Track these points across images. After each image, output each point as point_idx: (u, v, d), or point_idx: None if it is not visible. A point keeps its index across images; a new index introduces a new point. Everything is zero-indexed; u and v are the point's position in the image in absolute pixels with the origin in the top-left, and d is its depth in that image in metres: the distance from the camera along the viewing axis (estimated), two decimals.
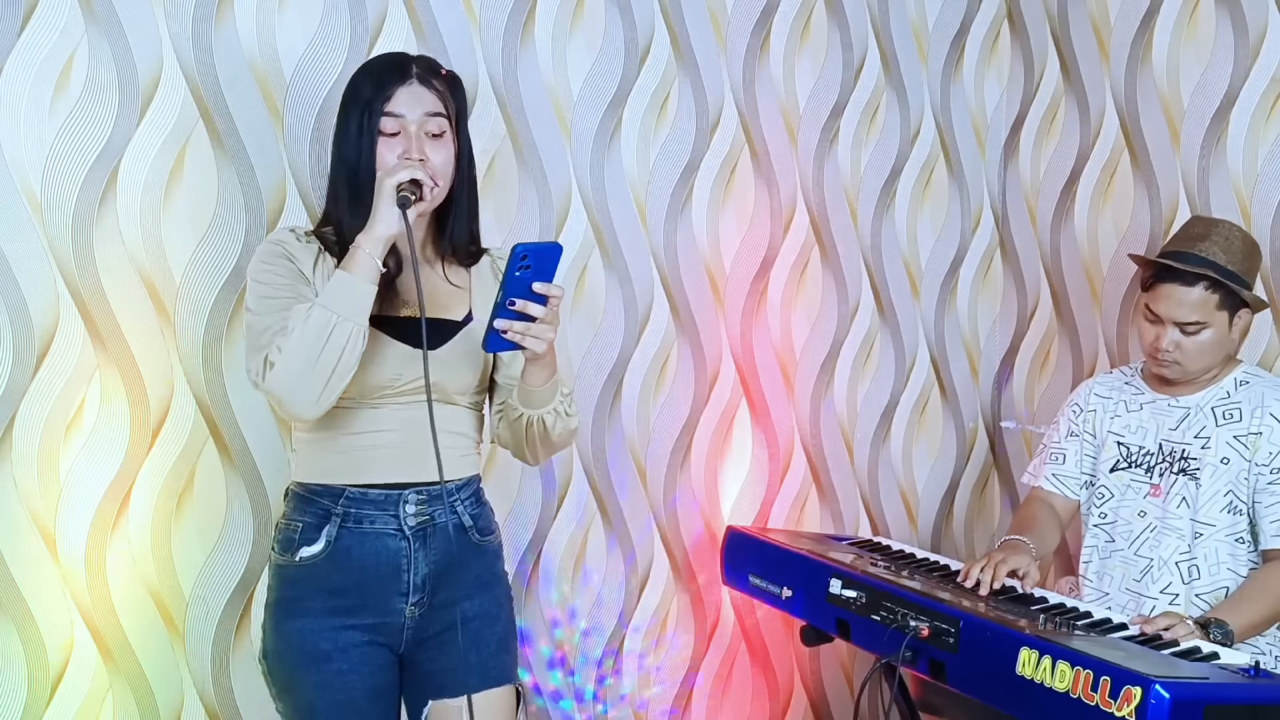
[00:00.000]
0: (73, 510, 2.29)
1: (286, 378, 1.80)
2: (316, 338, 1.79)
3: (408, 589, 1.96)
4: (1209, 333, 2.44)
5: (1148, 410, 2.59)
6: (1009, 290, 3.45)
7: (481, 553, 2.05)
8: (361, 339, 1.82)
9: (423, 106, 1.91)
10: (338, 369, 1.81)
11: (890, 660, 2.23)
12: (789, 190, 3.09)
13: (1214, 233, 2.48)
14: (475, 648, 2.01)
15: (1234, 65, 2.86)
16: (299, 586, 1.95)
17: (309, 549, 1.94)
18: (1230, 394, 2.49)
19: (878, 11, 3.18)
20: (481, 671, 2.01)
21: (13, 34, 2.19)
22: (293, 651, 1.95)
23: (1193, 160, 2.95)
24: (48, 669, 2.28)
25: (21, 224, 2.21)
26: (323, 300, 1.81)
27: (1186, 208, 2.96)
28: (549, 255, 1.82)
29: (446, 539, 1.98)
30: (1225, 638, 2.22)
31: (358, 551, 1.94)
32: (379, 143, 1.91)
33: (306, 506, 1.97)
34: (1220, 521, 2.44)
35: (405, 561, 1.95)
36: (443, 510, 1.97)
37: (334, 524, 1.94)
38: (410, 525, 1.95)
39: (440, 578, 1.98)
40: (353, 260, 1.82)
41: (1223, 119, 2.88)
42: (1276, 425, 2.41)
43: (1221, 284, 2.42)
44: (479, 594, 2.03)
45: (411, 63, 1.95)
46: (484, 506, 2.08)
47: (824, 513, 3.23)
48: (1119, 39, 3.10)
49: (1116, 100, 3.12)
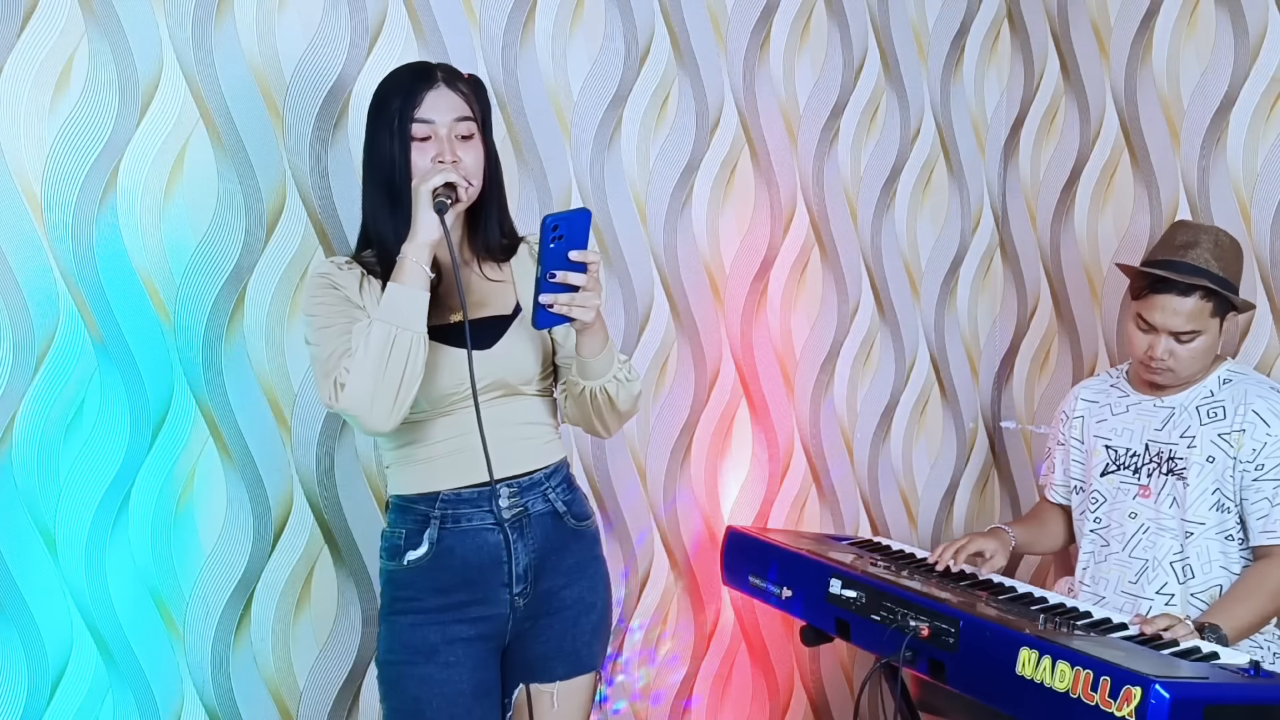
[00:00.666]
0: (73, 510, 2.29)
1: (359, 395, 1.86)
2: (380, 351, 1.85)
3: (510, 579, 2.02)
4: (1203, 339, 2.45)
5: (1133, 412, 2.60)
6: (1009, 290, 3.45)
7: (579, 537, 2.10)
8: (423, 346, 1.88)
9: (452, 111, 1.97)
10: (405, 378, 1.86)
11: (890, 660, 2.23)
12: (789, 190, 3.09)
13: (1202, 239, 2.48)
14: (571, 635, 2.08)
15: (1234, 65, 2.86)
16: (409, 588, 2.03)
17: (414, 553, 2.01)
18: (1214, 392, 2.50)
19: (878, 11, 3.18)
20: (573, 659, 2.09)
21: (13, 34, 2.19)
22: (402, 646, 2.02)
23: (1193, 160, 2.95)
24: (48, 669, 2.28)
25: (21, 224, 2.21)
26: (380, 315, 1.86)
27: (1186, 208, 2.96)
28: (579, 222, 1.84)
29: (544, 527, 2.05)
30: (1219, 642, 2.22)
31: (460, 549, 2.00)
32: (412, 149, 1.95)
33: (406, 514, 2.04)
34: (1209, 520, 2.45)
35: (505, 553, 2.01)
36: (535, 499, 2.04)
37: (434, 526, 2.01)
38: (506, 518, 2.01)
39: (541, 565, 2.05)
40: (402, 270, 1.88)
41: (1223, 119, 2.88)
42: (1259, 422, 2.42)
43: (1216, 292, 2.42)
44: (578, 580, 2.09)
45: (435, 69, 2.00)
46: (576, 491, 2.13)
47: (824, 513, 3.23)
48: (1119, 39, 3.10)
49: (1116, 100, 3.12)
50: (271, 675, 2.51)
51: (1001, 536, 2.68)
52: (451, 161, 1.93)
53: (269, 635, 2.50)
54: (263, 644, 2.50)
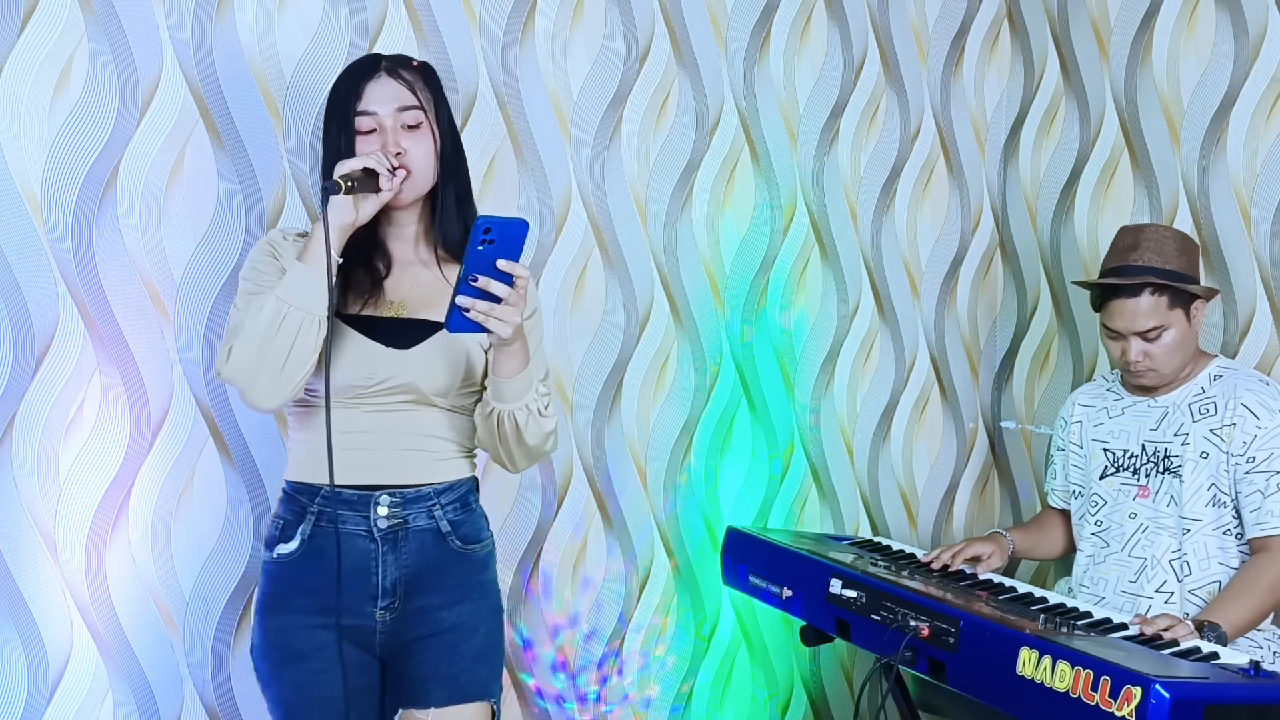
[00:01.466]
0: (73, 510, 2.29)
1: (241, 366, 1.81)
2: (268, 327, 1.79)
3: (377, 592, 1.93)
4: (1171, 333, 2.49)
5: (1129, 414, 2.63)
6: (1009, 290, 3.45)
7: (464, 560, 1.99)
8: (316, 328, 1.81)
9: (395, 100, 1.90)
10: (291, 357, 1.80)
11: (890, 660, 2.23)
12: (789, 190, 3.09)
13: (1143, 239, 2.54)
14: (449, 659, 1.96)
15: (1234, 65, 2.86)
16: (280, 583, 1.95)
17: (285, 546, 1.94)
18: (1205, 389, 2.52)
19: (878, 11, 3.18)
20: (452, 684, 1.96)
21: (13, 34, 2.19)
22: (273, 648, 1.95)
23: (1193, 160, 2.95)
24: (48, 669, 2.28)
25: (21, 224, 2.21)
26: (277, 291, 1.81)
27: (1186, 208, 2.96)
28: (515, 231, 1.73)
29: (422, 544, 1.95)
30: (1218, 640, 2.23)
31: (329, 550, 1.90)
32: (356, 142, 1.90)
33: (288, 504, 1.97)
34: (1206, 516, 2.46)
35: (374, 563, 1.93)
36: (418, 514, 1.94)
37: (309, 522, 1.93)
38: (381, 527, 1.92)
39: (414, 582, 1.95)
40: (307, 250, 1.82)
41: (1223, 119, 2.88)
42: (1249, 415, 2.43)
43: (1164, 285, 2.47)
44: (459, 603, 1.98)
45: (380, 59, 1.95)
46: (471, 513, 2.01)
47: (824, 513, 3.23)
48: (1119, 39, 3.10)
49: (1116, 100, 3.12)
50: None
51: (1000, 541, 2.71)
52: (395, 154, 1.87)
53: None
54: None
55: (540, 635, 2.83)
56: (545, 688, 2.86)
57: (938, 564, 2.61)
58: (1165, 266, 2.49)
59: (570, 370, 2.81)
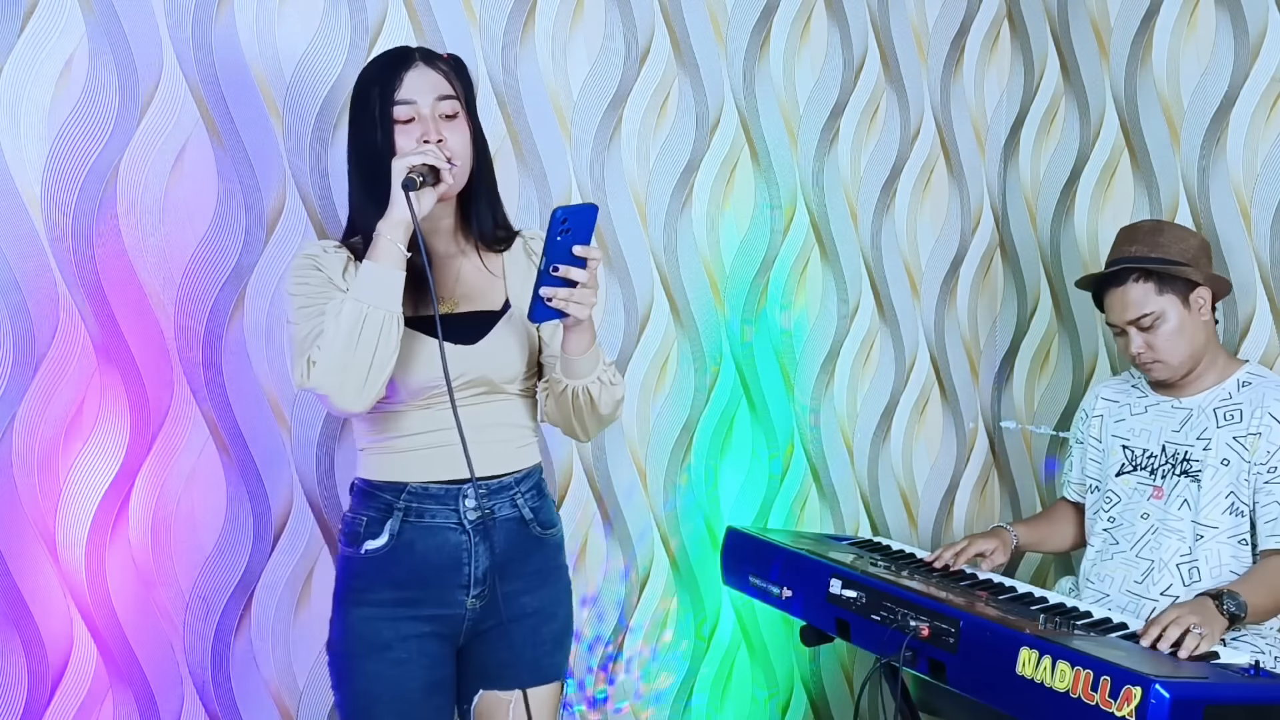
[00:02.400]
0: (73, 510, 2.29)
1: (328, 373, 1.81)
2: (350, 329, 1.80)
3: (469, 582, 1.98)
4: (1169, 322, 2.48)
5: (1151, 413, 2.60)
6: (1009, 290, 3.45)
7: (543, 545, 2.05)
8: (396, 325, 1.82)
9: (433, 90, 1.91)
10: (376, 358, 1.81)
11: (890, 660, 2.23)
12: (789, 190, 3.09)
13: (1136, 235, 2.57)
14: (531, 644, 2.03)
15: (1234, 65, 2.86)
16: (364, 578, 1.98)
17: (373, 542, 1.97)
18: (1232, 395, 2.49)
19: (878, 11, 3.18)
20: (535, 668, 2.03)
21: (13, 34, 2.19)
22: (355, 639, 1.97)
23: (1193, 160, 2.95)
24: (48, 669, 2.28)
25: (21, 224, 2.22)
26: (353, 293, 1.81)
27: (1186, 208, 2.96)
28: (587, 216, 1.80)
29: (508, 532, 2.00)
30: (1239, 609, 2.22)
31: (420, 545, 1.96)
32: (395, 131, 1.89)
33: (370, 501, 1.99)
34: (1222, 523, 2.44)
35: (466, 555, 1.97)
36: (503, 503, 1.99)
37: (396, 518, 1.96)
38: (470, 519, 1.97)
39: (502, 570, 2.00)
40: (376, 249, 1.83)
41: (1223, 119, 2.88)
42: (1275, 425, 2.41)
43: (1149, 271, 2.48)
44: (540, 588, 2.05)
45: (413, 50, 1.95)
46: (545, 499, 2.07)
47: (824, 513, 3.23)
48: (1119, 39, 3.10)
49: (1116, 100, 3.12)
50: (271, 675, 2.51)
51: (1003, 535, 2.69)
52: (437, 141, 1.87)
53: (269, 635, 2.50)
54: (263, 644, 2.50)
55: None
56: None
57: (940, 564, 2.60)
58: (1151, 254, 2.51)
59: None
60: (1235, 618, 2.22)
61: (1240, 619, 2.23)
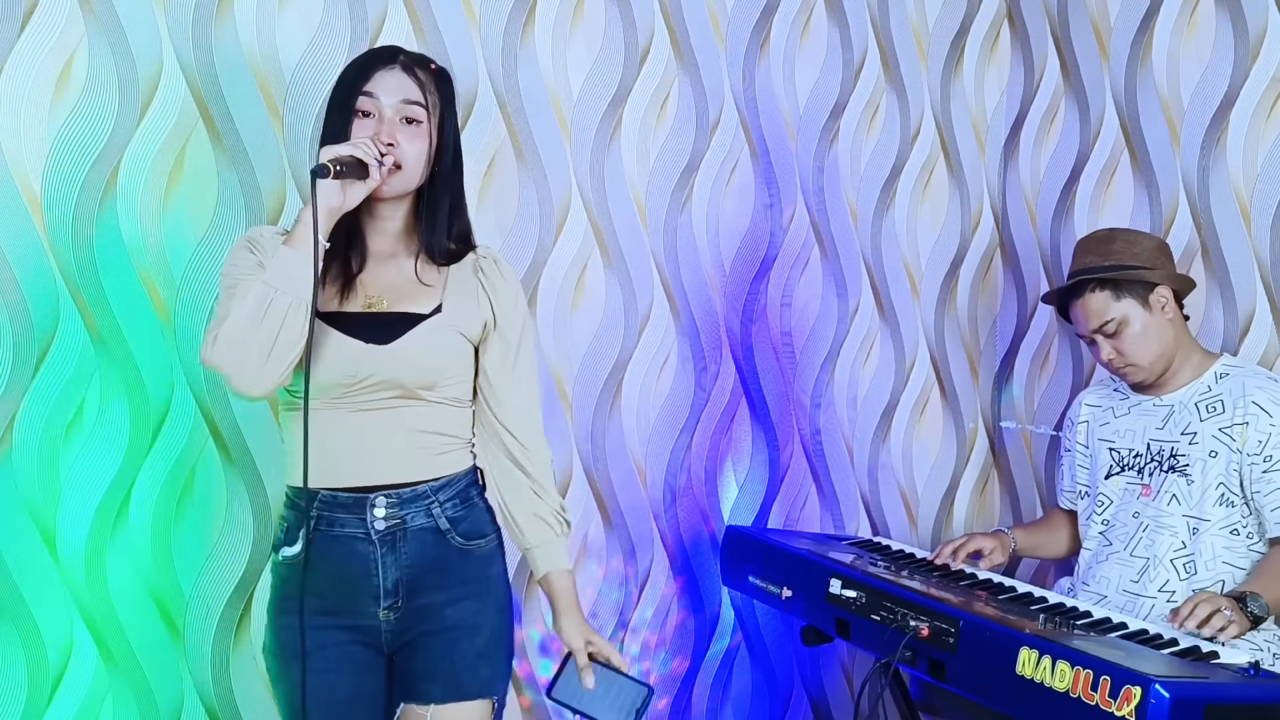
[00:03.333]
0: (73, 510, 2.29)
1: (228, 351, 1.80)
2: (255, 310, 1.78)
3: (379, 593, 1.93)
4: (1132, 326, 2.52)
5: (1134, 413, 2.63)
6: (1009, 290, 3.45)
7: (466, 557, 1.98)
8: (302, 311, 1.80)
9: (401, 92, 1.90)
10: (279, 341, 1.79)
11: (890, 660, 2.23)
12: (789, 190, 3.09)
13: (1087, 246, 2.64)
14: (450, 657, 1.96)
15: (1234, 65, 2.86)
16: (288, 584, 1.95)
17: (290, 549, 1.94)
18: (1211, 387, 2.52)
19: (878, 11, 3.18)
20: (452, 682, 1.96)
21: (13, 34, 2.19)
22: (280, 647, 1.95)
23: (1193, 160, 2.95)
24: (48, 669, 2.28)
25: (21, 224, 2.21)
26: (264, 275, 1.80)
27: (1186, 208, 2.96)
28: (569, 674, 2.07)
29: (421, 543, 1.94)
30: (1261, 610, 2.24)
31: (330, 553, 1.92)
32: (354, 122, 1.89)
33: (291, 508, 1.96)
34: (1215, 515, 2.45)
35: (374, 565, 1.92)
36: (416, 513, 1.94)
37: (309, 526, 1.92)
38: (378, 529, 1.92)
39: (416, 582, 1.95)
40: (294, 235, 1.82)
41: (1223, 119, 2.88)
42: (1261, 413, 2.43)
43: (1103, 280, 2.53)
44: (464, 600, 1.97)
45: (399, 52, 1.95)
46: (472, 508, 2.00)
47: (824, 513, 3.23)
48: (1119, 39, 3.10)
49: (1116, 100, 3.12)
50: None
51: (1002, 538, 2.73)
52: (386, 143, 1.86)
53: None
54: None
55: (539, 635, 2.83)
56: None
57: (940, 560, 2.62)
58: (1104, 263, 2.56)
59: (570, 370, 2.81)
60: (1258, 619, 2.23)
61: (1262, 620, 2.25)
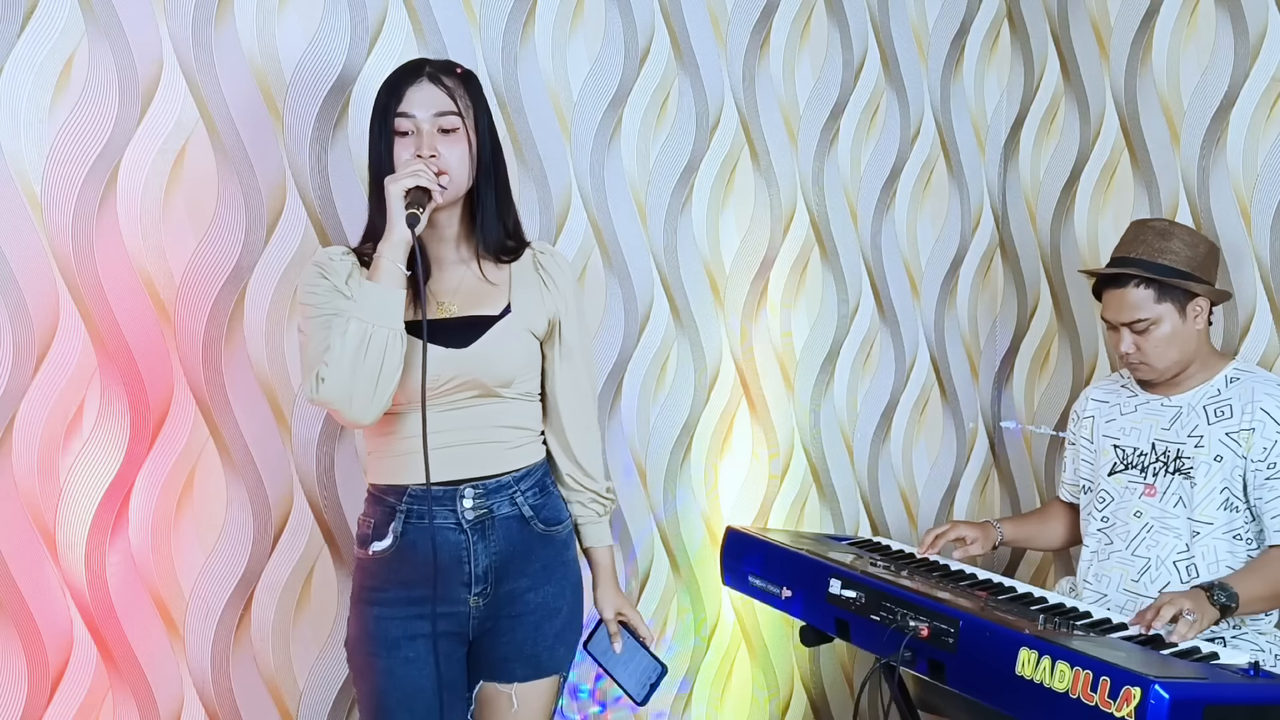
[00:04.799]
0: (73, 510, 2.29)
1: (337, 389, 1.91)
2: (357, 348, 1.90)
3: (470, 579, 2.05)
4: (1162, 328, 2.48)
5: (1141, 411, 2.61)
6: (1009, 290, 3.45)
7: (547, 542, 2.12)
8: (399, 341, 1.92)
9: (433, 105, 1.99)
10: (383, 373, 1.91)
11: (890, 660, 2.23)
12: (789, 190, 3.09)
13: (1145, 233, 2.55)
14: (533, 639, 2.10)
15: (1234, 65, 2.86)
16: (375, 578, 2.07)
17: (380, 544, 2.05)
18: (1220, 391, 2.50)
19: (878, 11, 3.18)
20: (534, 662, 2.11)
21: (13, 34, 2.19)
22: (368, 637, 2.06)
23: (1193, 160, 2.95)
24: (48, 669, 2.28)
25: (21, 224, 2.21)
26: (356, 312, 1.91)
27: (1187, 208, 2.96)
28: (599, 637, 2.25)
29: (508, 530, 2.07)
30: (1230, 599, 2.23)
31: (422, 545, 2.02)
32: (395, 143, 2.00)
33: (377, 505, 2.08)
34: (1217, 519, 2.45)
35: (465, 553, 2.04)
36: (501, 502, 2.06)
37: (399, 520, 2.04)
38: (468, 519, 2.04)
39: (504, 568, 2.07)
40: (377, 269, 1.93)
41: (1223, 119, 2.88)
42: (1268, 420, 2.42)
43: (1151, 279, 2.47)
44: (545, 584, 2.11)
45: (425, 64, 2.04)
46: (549, 496, 2.14)
47: (824, 513, 3.23)
48: (1119, 39, 3.10)
49: (1116, 100, 3.12)
50: (271, 675, 2.51)
51: (987, 529, 2.74)
52: (430, 156, 1.96)
53: (269, 635, 2.50)
54: (263, 644, 2.50)
55: None
56: None
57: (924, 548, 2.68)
58: (1157, 260, 2.50)
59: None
60: (1226, 609, 2.23)
61: (1231, 610, 2.24)
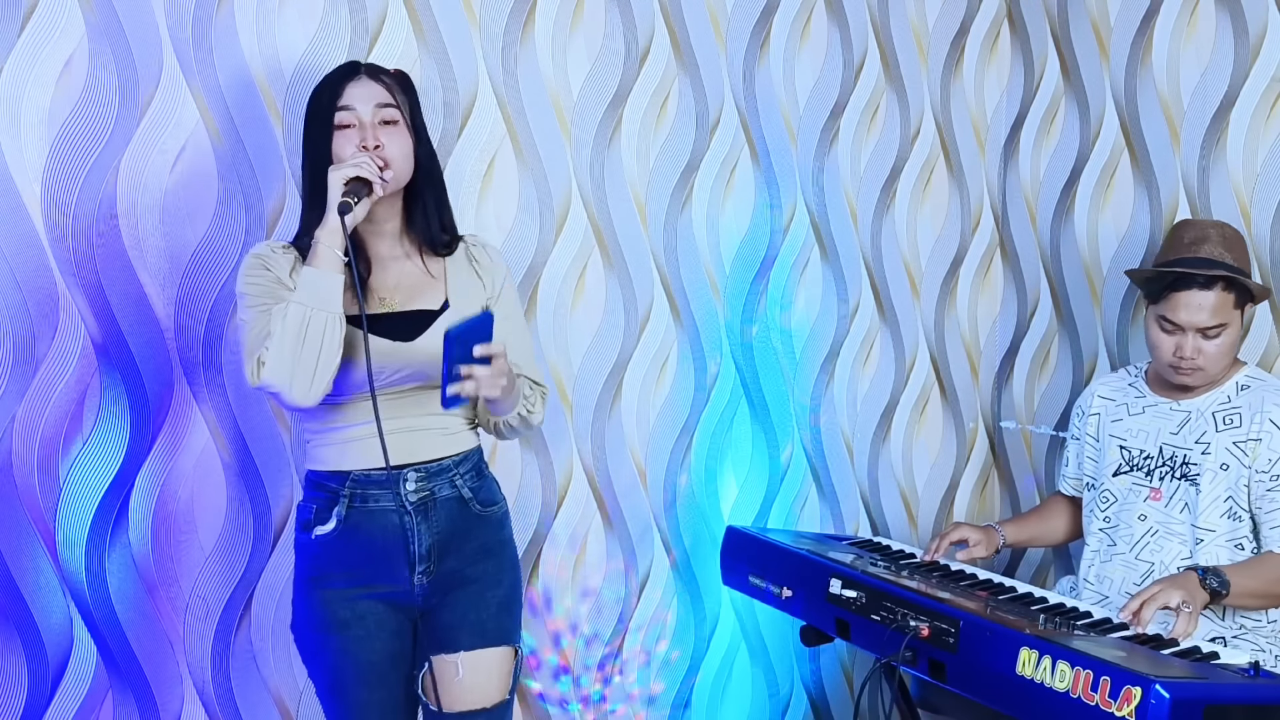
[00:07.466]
0: (73, 510, 2.29)
1: (278, 372, 1.95)
2: (296, 331, 1.93)
3: (413, 559, 2.10)
4: (1228, 333, 2.43)
5: (1150, 414, 2.59)
6: (1009, 290, 3.45)
7: (484, 522, 2.17)
8: (338, 325, 1.96)
9: (372, 98, 2.04)
10: (322, 356, 1.95)
11: (890, 660, 2.23)
12: (789, 190, 3.09)
13: (1210, 233, 2.48)
14: (475, 607, 2.14)
15: (1234, 65, 2.86)
16: (319, 561, 2.10)
17: (323, 528, 2.09)
18: (1231, 398, 2.48)
19: (878, 11, 3.18)
20: (479, 630, 2.14)
21: (13, 34, 2.19)
22: (317, 619, 2.10)
23: (1193, 160, 2.95)
24: (48, 669, 2.28)
25: (21, 224, 2.22)
26: (296, 297, 1.95)
27: (1186, 208, 2.96)
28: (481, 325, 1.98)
29: (449, 511, 2.12)
30: (1221, 585, 2.24)
31: (366, 527, 2.08)
32: (335, 137, 2.03)
33: (318, 490, 2.11)
34: (1220, 527, 2.44)
35: (409, 534, 2.09)
36: (442, 485, 2.11)
37: (343, 504, 2.08)
38: (411, 501, 2.09)
39: (445, 546, 2.12)
40: (315, 255, 1.97)
41: (1223, 119, 2.88)
42: (1275, 432, 2.40)
43: (1235, 281, 2.41)
44: (483, 561, 2.16)
45: (359, 65, 2.10)
46: (485, 479, 2.20)
47: (824, 513, 3.23)
48: (1119, 39, 3.10)
49: (1116, 100, 3.12)
50: (271, 675, 2.51)
51: (990, 533, 2.72)
52: (375, 146, 2.00)
53: (269, 635, 2.50)
54: (263, 644, 2.50)
55: (541, 636, 2.83)
56: (547, 690, 2.86)
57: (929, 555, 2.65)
58: (1235, 262, 2.43)
59: (570, 370, 2.81)
60: (1216, 594, 2.23)
61: (1222, 596, 2.24)
